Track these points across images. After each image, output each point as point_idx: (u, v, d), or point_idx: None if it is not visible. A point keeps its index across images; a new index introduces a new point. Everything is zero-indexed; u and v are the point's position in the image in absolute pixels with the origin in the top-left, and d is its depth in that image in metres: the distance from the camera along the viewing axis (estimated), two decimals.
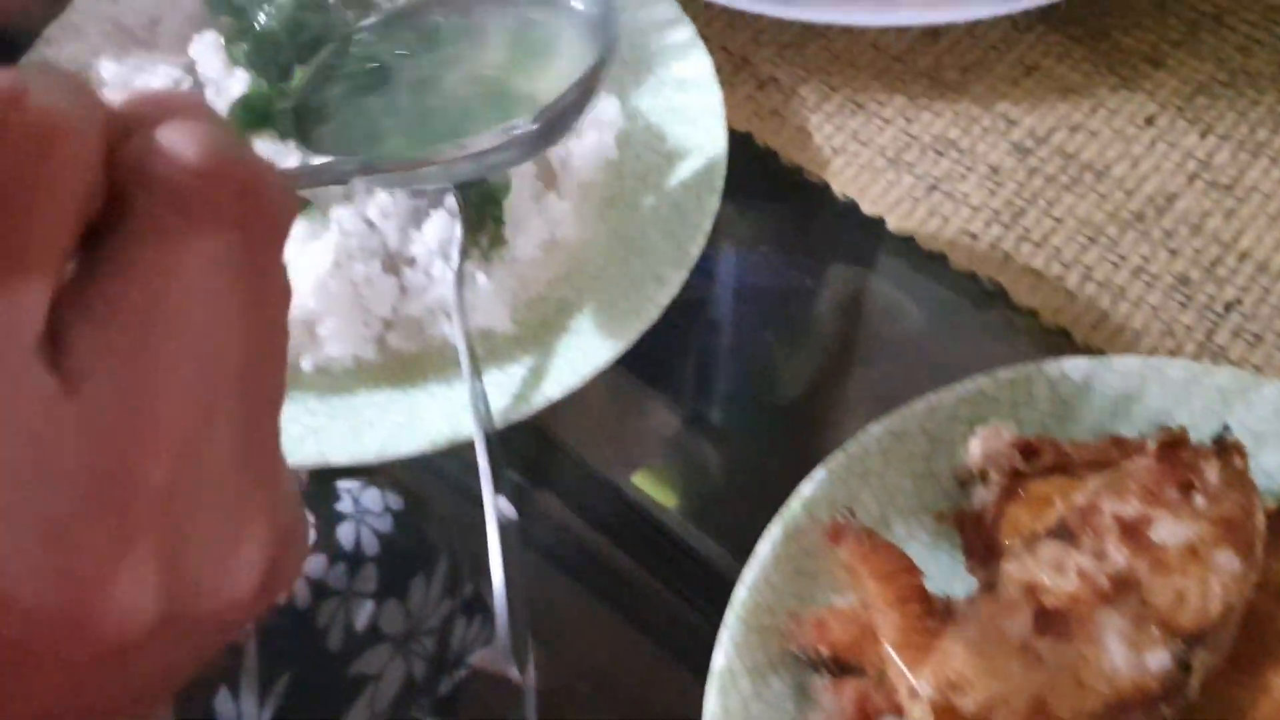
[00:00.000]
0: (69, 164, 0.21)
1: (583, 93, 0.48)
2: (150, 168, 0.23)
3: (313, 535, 0.69)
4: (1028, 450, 0.48)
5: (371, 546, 0.79)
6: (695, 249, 0.54)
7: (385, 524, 0.80)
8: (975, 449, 0.48)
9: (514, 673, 0.47)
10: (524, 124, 0.46)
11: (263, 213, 0.24)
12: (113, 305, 0.22)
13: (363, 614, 0.78)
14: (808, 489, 0.48)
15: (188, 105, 0.24)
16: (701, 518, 0.53)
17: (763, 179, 0.61)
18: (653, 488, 0.54)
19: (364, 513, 0.79)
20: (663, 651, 0.65)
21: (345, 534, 0.78)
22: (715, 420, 0.56)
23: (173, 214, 0.23)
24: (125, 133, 0.23)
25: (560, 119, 0.48)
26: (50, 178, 0.21)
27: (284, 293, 0.25)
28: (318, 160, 0.48)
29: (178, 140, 0.23)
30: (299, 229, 0.51)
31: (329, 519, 0.78)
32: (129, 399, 0.22)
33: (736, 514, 0.53)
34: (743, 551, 0.47)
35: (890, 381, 0.56)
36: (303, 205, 0.41)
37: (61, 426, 0.21)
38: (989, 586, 0.44)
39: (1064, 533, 0.44)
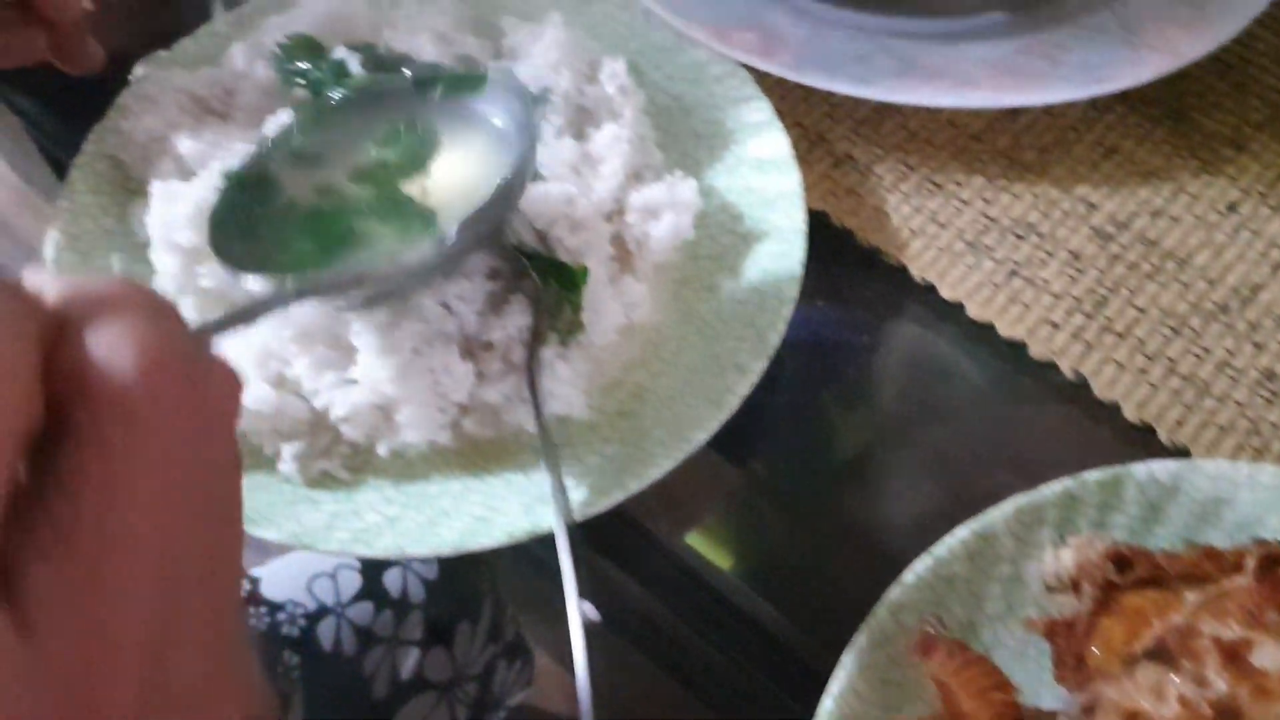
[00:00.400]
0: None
1: (502, 202, 0.49)
2: (87, 377, 0.21)
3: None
4: (1121, 561, 0.47)
5: (418, 594, 0.78)
6: (776, 337, 0.53)
7: (431, 571, 0.80)
8: (1067, 559, 0.47)
9: None
10: (447, 237, 0.47)
11: (207, 404, 0.23)
12: (62, 534, 0.21)
13: (409, 662, 0.78)
14: (894, 594, 0.47)
15: (119, 297, 0.23)
16: (786, 608, 0.52)
17: (839, 259, 0.60)
18: (735, 577, 0.53)
19: (410, 559, 0.79)
20: None
21: (392, 581, 0.78)
22: (796, 511, 0.55)
23: (114, 425, 0.21)
24: (59, 336, 0.22)
25: (483, 226, 0.48)
26: None
27: (235, 469, 0.24)
28: (249, 292, 0.47)
29: (112, 343, 0.22)
30: (379, 316, 0.51)
31: (375, 566, 0.77)
32: (88, 634, 0.21)
33: (820, 607, 0.52)
34: (827, 645, 0.47)
35: (970, 472, 0.55)
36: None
37: (18, 672, 0.20)
38: (1088, 710, 0.43)
39: (1162, 654, 0.43)
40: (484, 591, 0.84)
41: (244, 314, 0.37)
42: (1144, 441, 0.55)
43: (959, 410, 0.57)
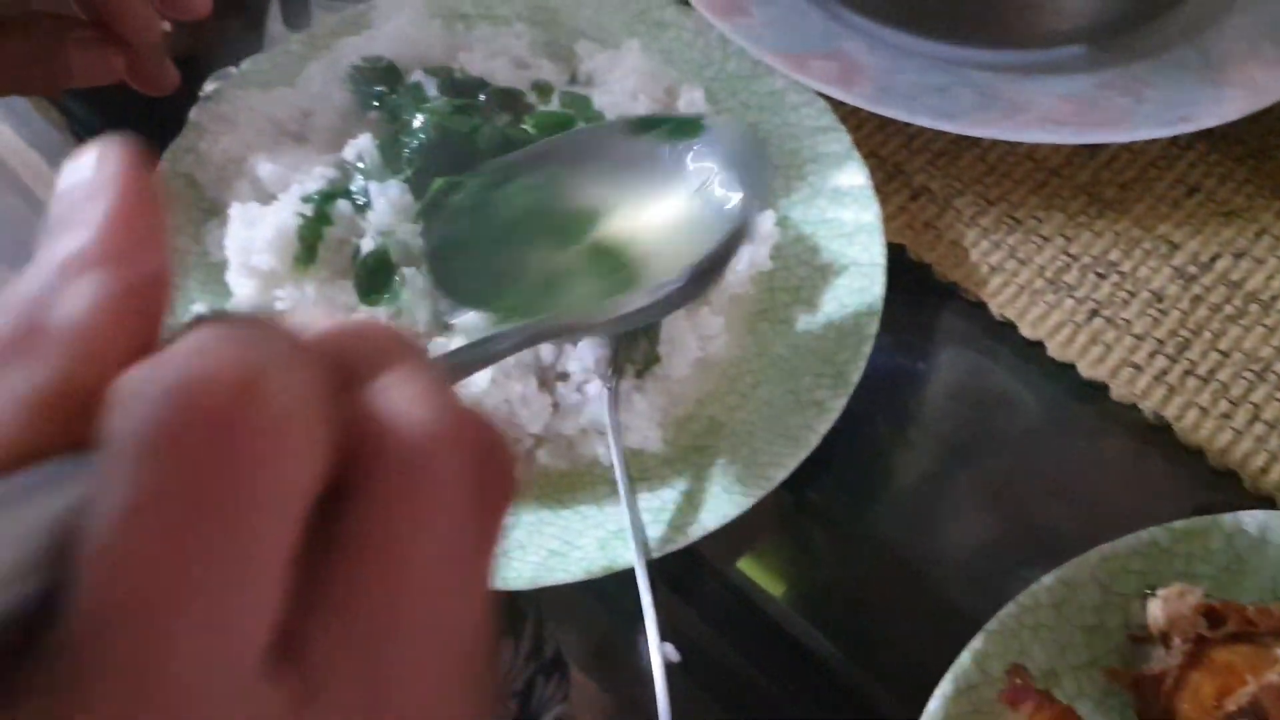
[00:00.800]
0: (300, 459, 0.18)
1: (728, 248, 0.47)
2: (380, 433, 0.20)
3: None
4: (1212, 616, 0.46)
5: None
6: (856, 374, 0.53)
7: None
8: (1157, 611, 0.46)
9: None
10: (675, 281, 0.46)
11: (495, 477, 0.21)
12: (349, 597, 0.19)
13: None
14: (979, 642, 0.47)
15: (403, 350, 0.22)
16: (862, 655, 0.51)
17: (916, 293, 0.60)
18: (810, 622, 0.52)
19: None
20: None
21: None
22: (871, 554, 0.54)
23: (408, 485, 0.20)
24: (343, 385, 0.20)
25: (707, 274, 0.47)
26: (281, 478, 0.18)
27: (500, 552, 0.23)
28: (478, 335, 0.47)
29: (406, 399, 0.20)
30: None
31: None
32: (371, 702, 0.19)
33: (898, 654, 0.51)
34: (905, 694, 0.46)
35: (1050, 516, 0.54)
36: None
37: None
38: None
39: (1256, 713, 0.42)
40: (525, 609, 0.84)
41: (479, 357, 0.35)
42: (1227, 488, 0.54)
43: (1038, 451, 0.56)
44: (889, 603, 0.52)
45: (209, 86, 0.66)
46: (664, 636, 0.47)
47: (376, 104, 0.60)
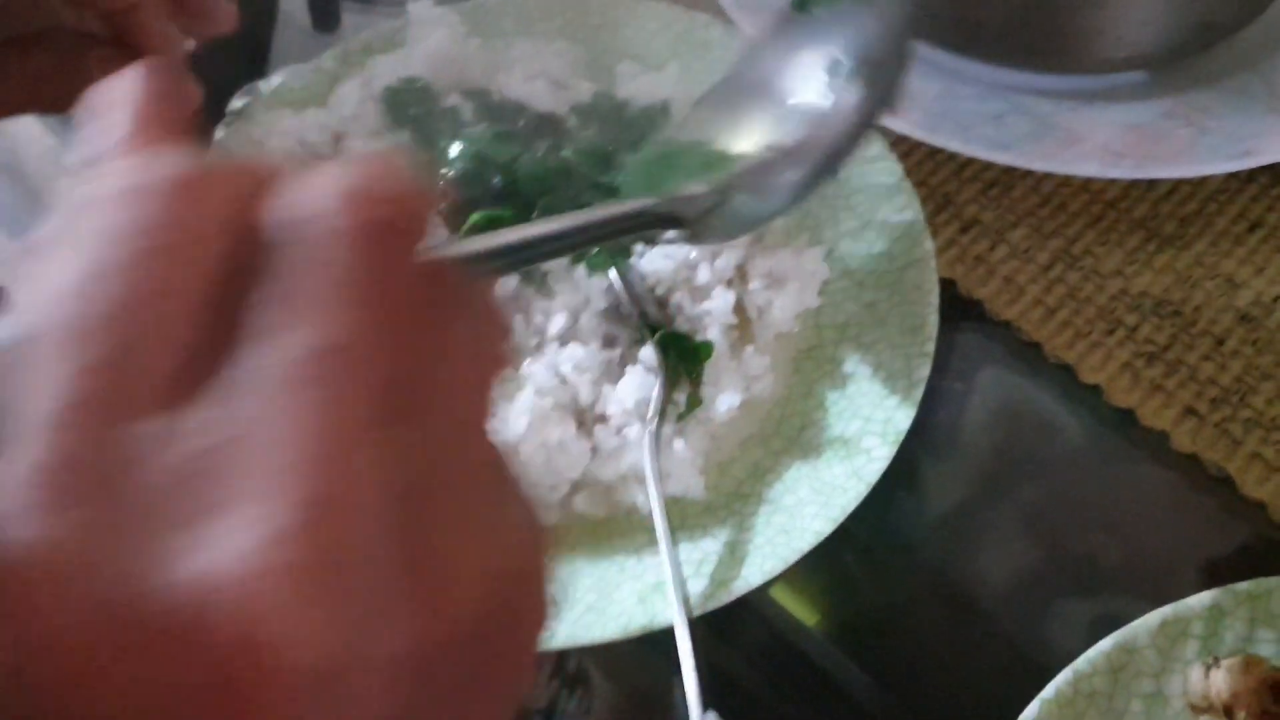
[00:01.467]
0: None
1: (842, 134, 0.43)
2: (291, 214, 0.21)
3: None
4: (1278, 689, 0.44)
5: None
6: (905, 421, 0.51)
7: None
8: (1220, 681, 0.44)
9: None
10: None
11: (386, 220, 0.21)
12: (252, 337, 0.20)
13: None
14: (1034, 709, 0.45)
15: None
16: (915, 707, 0.49)
17: (969, 333, 0.57)
18: (864, 681, 0.50)
19: None
20: None
21: None
22: (924, 612, 0.52)
23: (294, 255, 0.20)
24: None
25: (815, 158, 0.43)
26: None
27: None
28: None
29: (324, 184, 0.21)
30: None
31: None
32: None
33: (959, 708, 0.49)
34: None
35: (1107, 573, 0.52)
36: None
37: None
38: None
39: None
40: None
41: (541, 245, 0.29)
42: None
43: (1095, 502, 0.53)
44: (944, 663, 0.50)
45: (236, 103, 0.65)
46: (704, 697, 0.45)
47: (412, 128, 0.58)
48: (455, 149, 0.54)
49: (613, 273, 0.53)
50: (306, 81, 0.62)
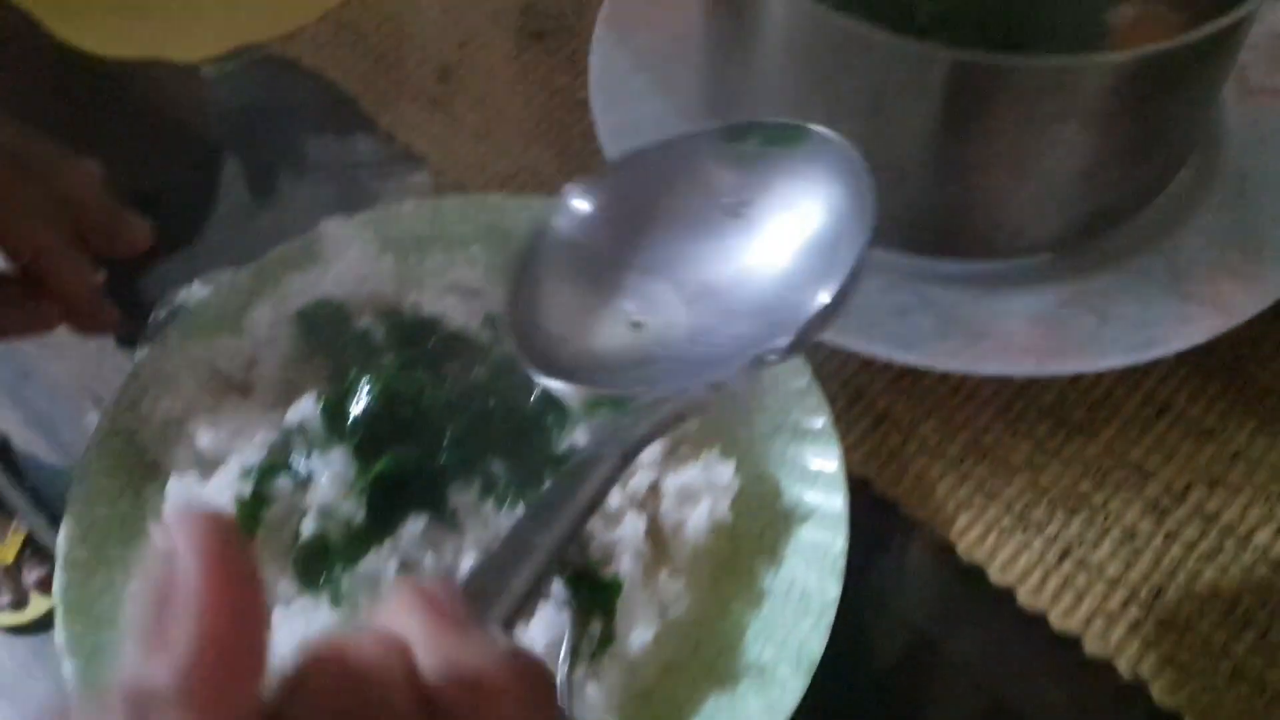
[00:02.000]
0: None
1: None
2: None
3: None
4: None
5: None
6: (817, 649, 0.51)
7: None
8: None
9: None
10: (779, 345, 0.42)
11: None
12: None
13: None
14: None
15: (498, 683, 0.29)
16: None
17: (883, 535, 0.58)
18: None
19: None
20: None
21: None
22: None
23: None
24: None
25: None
26: None
27: None
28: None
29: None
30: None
31: None
32: None
33: None
34: None
35: None
36: None
37: None
38: None
39: None
40: None
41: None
42: None
43: (1011, 713, 0.54)
44: None
45: (160, 312, 0.65)
46: None
47: (324, 351, 0.58)
48: (364, 384, 0.54)
49: (521, 505, 0.53)
50: (223, 300, 0.63)
